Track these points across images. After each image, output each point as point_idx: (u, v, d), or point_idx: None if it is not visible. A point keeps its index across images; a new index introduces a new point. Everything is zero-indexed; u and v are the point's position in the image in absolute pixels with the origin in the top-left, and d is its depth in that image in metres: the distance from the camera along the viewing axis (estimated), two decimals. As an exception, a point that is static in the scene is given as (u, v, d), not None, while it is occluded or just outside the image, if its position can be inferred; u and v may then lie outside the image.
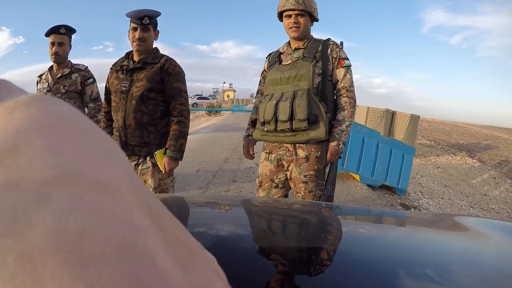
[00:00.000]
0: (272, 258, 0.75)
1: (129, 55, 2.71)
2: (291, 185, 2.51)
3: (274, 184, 2.54)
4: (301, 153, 2.38)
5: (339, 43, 2.49)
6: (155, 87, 2.54)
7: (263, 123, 2.42)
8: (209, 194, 4.90)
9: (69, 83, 3.14)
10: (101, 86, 3.30)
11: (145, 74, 2.54)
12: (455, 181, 8.85)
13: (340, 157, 2.44)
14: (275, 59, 2.56)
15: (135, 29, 2.53)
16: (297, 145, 2.39)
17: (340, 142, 2.32)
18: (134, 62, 2.64)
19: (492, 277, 0.73)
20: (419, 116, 11.96)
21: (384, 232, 1.12)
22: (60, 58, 3.09)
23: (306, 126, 2.22)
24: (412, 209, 5.73)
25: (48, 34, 3.07)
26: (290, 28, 2.40)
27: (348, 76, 2.38)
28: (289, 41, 2.56)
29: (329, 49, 2.39)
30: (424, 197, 6.76)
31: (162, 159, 2.53)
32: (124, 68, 2.63)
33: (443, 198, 6.97)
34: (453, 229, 1.19)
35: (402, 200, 6.19)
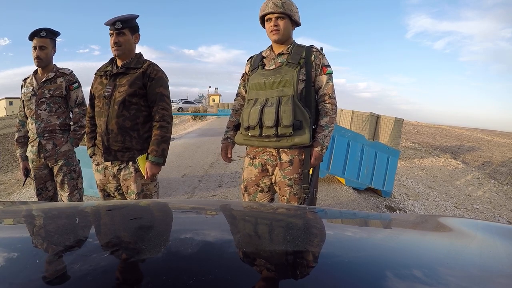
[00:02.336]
0: (256, 263, 0.74)
1: (113, 60, 2.69)
2: (276, 189, 2.52)
3: (259, 189, 2.55)
4: (285, 157, 2.40)
5: (320, 49, 2.52)
6: (137, 92, 2.53)
7: (247, 128, 2.42)
8: (193, 200, 4.87)
9: (54, 87, 3.08)
10: (86, 90, 3.26)
11: (128, 79, 2.53)
12: (440, 182, 8.95)
13: (322, 161, 2.48)
14: (257, 63, 2.56)
15: (111, 34, 2.55)
16: (280, 149, 2.41)
17: (324, 147, 2.37)
18: (117, 67, 2.63)
19: (476, 277, 0.74)
20: (403, 119, 12.11)
21: (370, 235, 1.12)
22: (42, 62, 3.03)
23: (291, 132, 2.24)
24: (397, 211, 5.79)
25: (30, 37, 3.02)
26: (271, 31, 2.41)
27: (330, 83, 2.41)
28: (271, 45, 2.56)
29: (313, 56, 2.41)
30: (409, 199, 6.83)
31: (144, 164, 2.51)
32: (108, 74, 2.62)
33: (428, 199, 7.04)
34: (438, 230, 1.20)
35: (387, 202, 6.24)
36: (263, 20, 2.47)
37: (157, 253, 0.74)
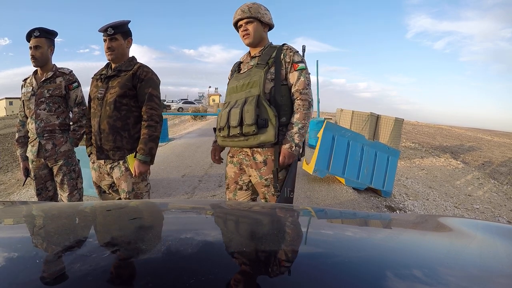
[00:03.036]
0: (254, 263, 0.74)
1: (108, 65, 2.84)
2: (257, 190, 2.57)
3: (238, 186, 2.62)
4: (259, 157, 2.43)
5: (302, 47, 2.60)
6: (127, 93, 2.65)
7: (219, 130, 2.53)
8: (191, 200, 4.87)
9: (53, 87, 3.08)
10: (86, 90, 3.27)
11: (118, 81, 2.66)
12: (440, 182, 8.95)
13: (299, 159, 2.52)
14: (235, 68, 2.69)
15: (104, 40, 2.69)
16: (254, 149, 2.45)
17: (293, 144, 2.35)
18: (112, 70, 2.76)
19: (476, 277, 0.74)
20: (403, 119, 12.10)
21: (370, 235, 1.12)
22: (38, 61, 3.03)
23: (254, 130, 2.28)
24: (397, 211, 5.78)
25: (27, 38, 3.03)
26: (243, 36, 2.52)
27: (302, 78, 2.40)
28: (249, 50, 2.65)
29: (282, 54, 2.44)
30: (409, 199, 6.82)
31: (133, 163, 2.60)
32: (102, 77, 2.75)
33: (428, 199, 7.04)
34: (438, 230, 1.20)
35: (387, 202, 6.24)
36: (237, 27, 2.57)
37: (155, 253, 0.74)
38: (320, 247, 0.90)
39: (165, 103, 43.23)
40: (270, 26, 2.59)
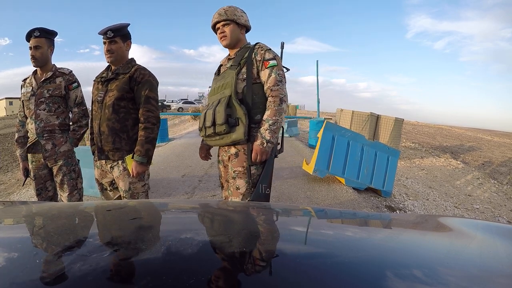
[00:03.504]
0: (254, 263, 0.74)
1: (109, 67, 2.89)
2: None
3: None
4: (233, 150, 2.53)
5: (281, 44, 2.68)
6: (125, 96, 2.70)
7: (200, 130, 2.67)
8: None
9: (53, 87, 3.08)
10: (85, 90, 3.27)
11: (117, 84, 2.72)
12: (440, 182, 8.95)
13: (276, 156, 2.60)
14: (216, 71, 2.79)
15: (104, 43, 2.74)
16: (231, 146, 2.55)
17: (264, 141, 2.39)
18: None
19: (476, 277, 0.74)
20: (403, 119, 12.11)
21: (370, 235, 1.12)
22: (38, 61, 3.03)
23: (225, 129, 2.38)
24: (397, 211, 5.78)
25: (27, 38, 3.02)
26: (220, 38, 2.60)
27: (273, 75, 2.43)
28: (228, 52, 2.72)
29: (254, 53, 2.50)
30: (409, 199, 6.82)
31: (131, 164, 2.67)
32: (102, 80, 2.81)
33: (428, 199, 7.04)
34: (438, 230, 1.20)
35: (387, 202, 6.24)
36: (214, 30, 2.66)
37: (154, 253, 0.74)
38: (320, 247, 0.90)
39: (165, 103, 43.22)
40: (247, 28, 2.66)
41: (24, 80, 3.22)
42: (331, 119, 15.74)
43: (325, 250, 0.86)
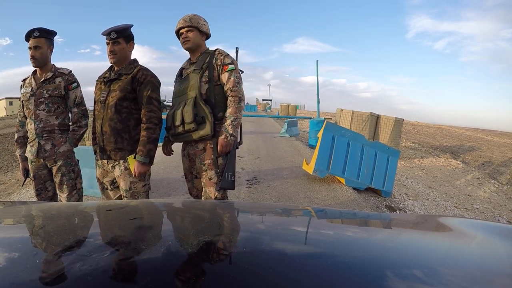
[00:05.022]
0: (253, 263, 0.74)
1: (111, 68, 2.90)
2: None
3: (193, 176, 3.01)
4: (200, 145, 2.82)
5: (235, 49, 3.02)
6: (127, 96, 2.72)
7: (167, 129, 2.93)
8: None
9: (53, 87, 3.06)
10: (85, 90, 3.27)
11: (119, 84, 2.74)
12: (440, 182, 8.95)
13: (237, 147, 2.90)
14: (178, 74, 3.01)
15: (107, 44, 2.76)
16: (198, 141, 2.83)
17: (228, 135, 2.71)
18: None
19: (476, 277, 0.73)
20: (403, 119, 12.11)
21: (370, 235, 1.12)
22: (37, 62, 3.02)
23: (194, 127, 2.67)
24: (397, 211, 5.78)
25: (26, 38, 3.01)
26: (183, 42, 2.87)
27: (232, 78, 2.75)
28: (190, 56, 2.99)
29: (214, 58, 2.81)
30: (409, 199, 6.82)
31: (133, 164, 2.71)
32: (105, 80, 2.83)
33: (428, 199, 7.04)
34: (438, 230, 1.20)
35: (387, 202, 6.24)
36: (178, 35, 2.92)
37: (154, 253, 0.74)
38: (321, 247, 0.90)
39: (165, 103, 43.29)
40: (207, 35, 2.96)
41: (24, 80, 3.21)
42: (331, 119, 15.74)
43: (325, 250, 0.86)
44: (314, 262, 0.76)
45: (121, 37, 2.76)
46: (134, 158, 2.69)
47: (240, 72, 2.86)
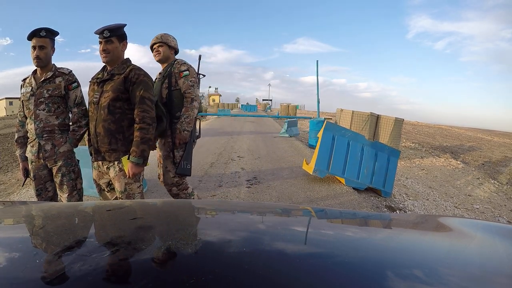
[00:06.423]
0: (254, 262, 0.74)
1: (104, 68, 2.91)
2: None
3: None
4: (161, 140, 3.45)
5: (198, 56, 3.76)
6: (120, 96, 2.73)
7: None
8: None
9: (53, 87, 3.04)
10: (86, 90, 3.25)
11: (112, 85, 2.75)
12: (440, 182, 8.94)
13: (194, 141, 3.53)
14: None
15: (100, 42, 2.77)
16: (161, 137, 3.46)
17: (182, 129, 3.33)
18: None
19: (476, 276, 0.73)
20: (403, 119, 12.09)
21: (370, 235, 1.12)
22: (42, 62, 3.00)
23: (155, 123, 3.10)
24: (397, 211, 5.78)
25: (29, 37, 2.98)
26: (155, 55, 3.54)
27: (186, 82, 3.36)
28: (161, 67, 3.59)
29: (173, 67, 3.42)
30: (409, 199, 6.82)
31: (127, 165, 2.70)
32: (98, 81, 2.85)
33: (428, 199, 7.04)
34: (438, 230, 1.20)
35: (387, 202, 6.24)
36: (152, 49, 3.57)
37: (154, 253, 0.74)
38: (321, 247, 0.90)
39: None
40: (175, 50, 3.61)
41: (24, 80, 3.19)
42: (331, 119, 15.73)
43: (325, 250, 0.86)
44: (314, 262, 0.76)
45: (114, 36, 2.76)
46: (128, 159, 2.68)
47: (201, 76, 3.60)
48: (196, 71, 3.56)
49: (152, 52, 3.58)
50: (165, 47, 3.51)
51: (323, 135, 6.34)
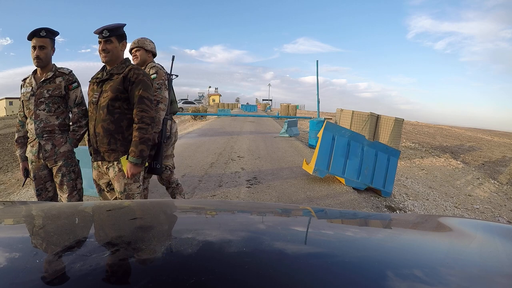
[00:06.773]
0: (254, 262, 0.74)
1: (104, 68, 2.90)
2: None
3: None
4: None
5: (172, 57, 3.90)
6: (119, 96, 2.72)
7: None
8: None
9: (53, 87, 3.04)
10: (86, 90, 3.26)
11: (111, 85, 2.73)
12: (440, 182, 8.95)
13: (165, 142, 3.61)
14: None
15: (99, 42, 2.76)
16: None
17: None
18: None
19: (476, 276, 0.73)
20: (403, 119, 12.10)
21: (370, 235, 1.12)
22: (42, 62, 2.99)
23: None
24: (397, 211, 5.78)
25: (29, 37, 2.98)
26: (133, 59, 3.70)
27: (153, 84, 3.42)
28: None
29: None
30: (409, 199, 6.82)
31: (126, 165, 2.69)
32: (97, 81, 2.83)
33: (428, 199, 7.04)
34: (438, 230, 1.20)
35: (387, 202, 6.24)
36: (131, 52, 3.74)
37: (154, 253, 0.74)
38: (321, 247, 0.90)
39: (182, 103, 43.33)
40: (153, 53, 3.82)
41: (24, 80, 3.18)
42: (331, 119, 15.73)
43: (326, 250, 0.86)
44: (314, 262, 0.76)
45: (113, 36, 2.75)
46: (127, 159, 2.67)
47: (173, 77, 3.82)
48: (169, 72, 3.76)
49: (131, 54, 3.78)
50: (142, 51, 3.73)
51: (323, 135, 6.34)
